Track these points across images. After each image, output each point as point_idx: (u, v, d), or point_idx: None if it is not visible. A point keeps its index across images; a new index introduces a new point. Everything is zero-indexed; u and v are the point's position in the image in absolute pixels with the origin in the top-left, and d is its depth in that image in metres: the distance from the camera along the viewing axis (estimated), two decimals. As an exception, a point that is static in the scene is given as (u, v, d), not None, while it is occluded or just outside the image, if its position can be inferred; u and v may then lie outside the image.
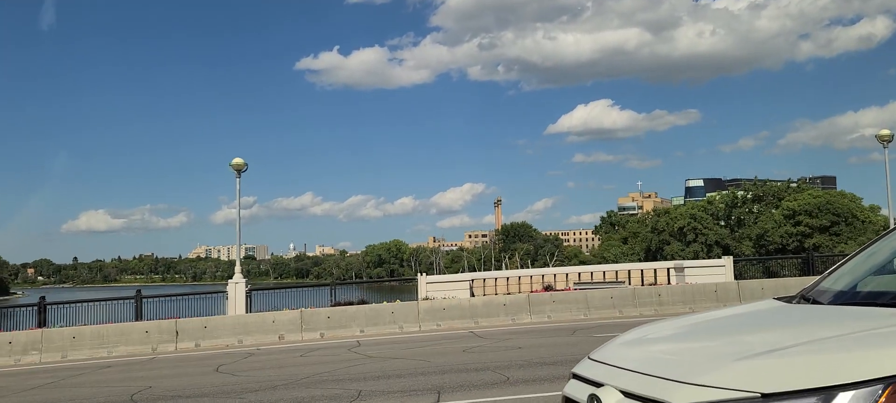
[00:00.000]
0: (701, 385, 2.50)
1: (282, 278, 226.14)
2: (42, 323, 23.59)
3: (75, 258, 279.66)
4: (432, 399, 9.67)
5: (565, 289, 28.05)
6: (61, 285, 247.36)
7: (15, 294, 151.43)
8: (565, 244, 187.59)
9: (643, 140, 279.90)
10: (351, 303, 24.21)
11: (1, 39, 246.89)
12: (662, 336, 3.48)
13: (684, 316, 3.85)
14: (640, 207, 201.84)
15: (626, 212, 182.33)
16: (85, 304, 25.98)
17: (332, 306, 24.08)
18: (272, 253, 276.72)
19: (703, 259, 72.21)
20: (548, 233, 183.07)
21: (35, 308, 25.38)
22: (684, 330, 3.56)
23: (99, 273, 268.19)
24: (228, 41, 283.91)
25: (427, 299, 24.71)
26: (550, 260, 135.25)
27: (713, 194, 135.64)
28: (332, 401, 10.05)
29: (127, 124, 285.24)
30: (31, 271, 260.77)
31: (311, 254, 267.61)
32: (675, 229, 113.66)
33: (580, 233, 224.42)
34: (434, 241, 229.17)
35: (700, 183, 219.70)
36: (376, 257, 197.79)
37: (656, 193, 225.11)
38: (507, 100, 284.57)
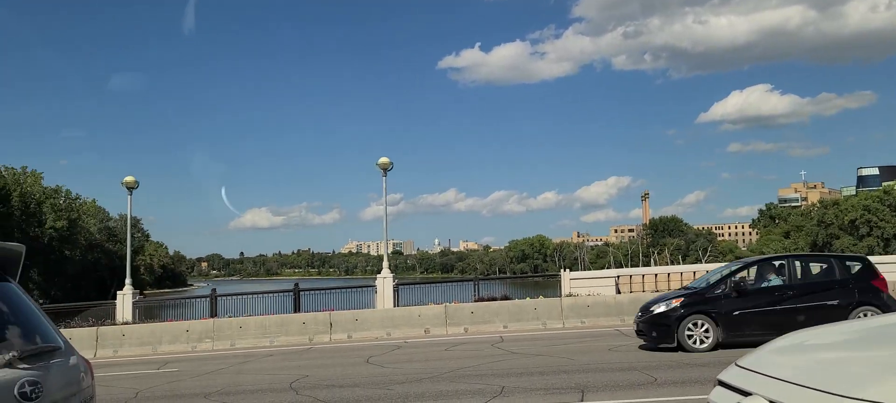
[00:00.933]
0: (861, 399, 2.28)
1: (427, 272, 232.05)
2: (213, 313, 25.80)
3: (242, 252, 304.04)
4: (576, 398, 9.53)
5: (718, 287, 26.54)
6: (230, 277, 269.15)
7: (191, 285, 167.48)
8: (719, 239, 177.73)
9: (808, 126, 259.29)
10: (494, 299, 24.39)
11: (154, 42, 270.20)
12: (822, 342, 3.21)
13: (851, 321, 3.53)
14: (805, 198, 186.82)
15: (787, 204, 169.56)
16: (250, 296, 28.11)
17: (475, 301, 24.39)
18: (418, 249, 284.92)
19: (880, 255, 65.60)
20: (700, 228, 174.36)
21: (208, 299, 27.87)
22: (849, 336, 3.26)
23: (262, 266, 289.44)
24: (373, 44, 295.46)
25: (571, 295, 24.37)
26: (703, 256, 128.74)
27: (891, 183, 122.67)
28: (475, 396, 10.18)
29: (281, 125, 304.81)
30: (204, 264, 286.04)
31: (455, 250, 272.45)
32: (846, 222, 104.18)
33: (736, 227, 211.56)
34: (578, 236, 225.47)
35: (875, 171, 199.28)
36: (519, 252, 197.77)
37: (823, 183, 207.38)
38: (655, 89, 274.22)
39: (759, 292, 14.28)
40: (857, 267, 14.90)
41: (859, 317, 12.15)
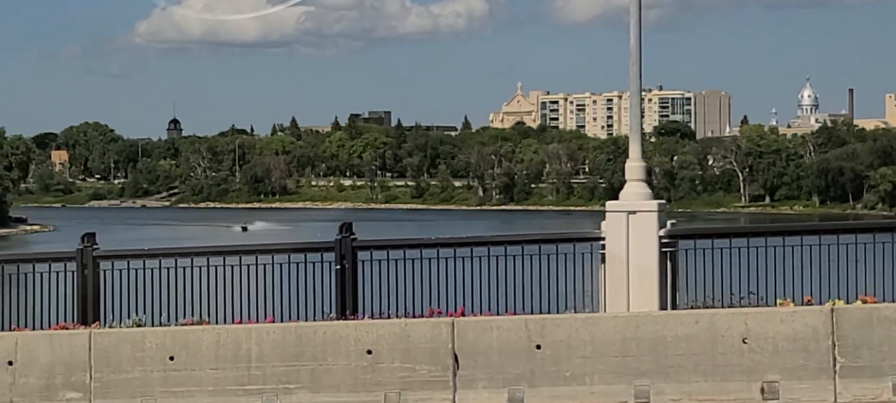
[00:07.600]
0: None
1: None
2: (95, 314, 11.62)
3: (174, 122, 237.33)
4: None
5: None
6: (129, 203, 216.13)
7: (30, 224, 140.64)
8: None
9: None
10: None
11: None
12: None
13: None
14: None
15: None
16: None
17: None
18: None
19: None
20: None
21: (73, 263, 13.27)
22: None
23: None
24: None
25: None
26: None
27: None
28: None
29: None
30: (60, 157, 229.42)
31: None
32: None
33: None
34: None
35: None
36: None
37: None
38: None
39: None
40: None
41: None
